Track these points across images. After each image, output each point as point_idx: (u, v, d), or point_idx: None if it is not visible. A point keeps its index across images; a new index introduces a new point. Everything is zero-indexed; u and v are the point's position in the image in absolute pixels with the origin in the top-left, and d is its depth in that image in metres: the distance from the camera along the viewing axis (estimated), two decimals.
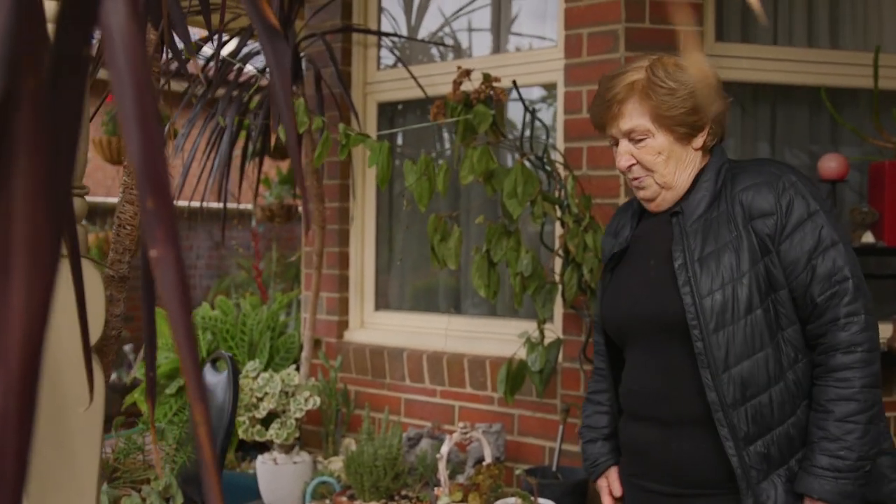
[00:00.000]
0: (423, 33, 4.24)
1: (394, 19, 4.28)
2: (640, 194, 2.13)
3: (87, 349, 0.97)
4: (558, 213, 3.12)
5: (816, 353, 1.95)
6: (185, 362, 0.47)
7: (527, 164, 3.08)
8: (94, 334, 1.50)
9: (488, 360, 3.52)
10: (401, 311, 4.07)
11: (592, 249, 3.00)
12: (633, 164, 2.08)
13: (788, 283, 1.97)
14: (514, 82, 3.17)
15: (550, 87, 3.63)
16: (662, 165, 2.06)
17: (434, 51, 4.18)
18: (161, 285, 0.46)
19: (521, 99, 3.18)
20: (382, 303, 4.11)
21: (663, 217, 2.12)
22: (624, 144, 2.09)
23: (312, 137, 3.76)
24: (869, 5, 3.69)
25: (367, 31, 4.03)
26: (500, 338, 3.56)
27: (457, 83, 3.14)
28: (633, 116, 2.05)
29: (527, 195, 3.00)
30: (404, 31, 4.25)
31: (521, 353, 3.23)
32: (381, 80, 4.07)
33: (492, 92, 3.11)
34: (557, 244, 3.22)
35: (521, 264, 3.06)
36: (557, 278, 3.20)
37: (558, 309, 3.38)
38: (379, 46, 4.13)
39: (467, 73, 3.15)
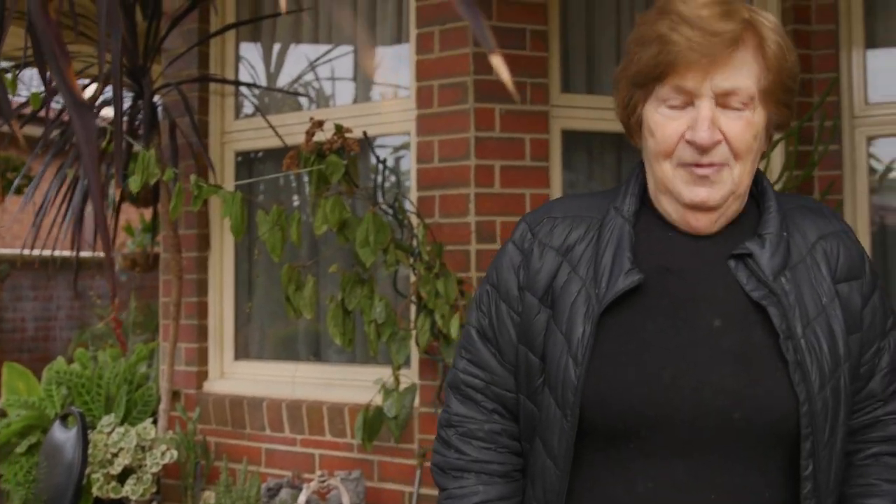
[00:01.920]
0: (284, 80, 4.27)
1: (253, 68, 4.30)
2: (700, 195, 1.44)
3: None
4: (410, 261, 3.18)
5: (872, 445, 1.53)
6: None
7: (379, 212, 3.14)
8: None
9: (347, 407, 3.54)
10: (261, 360, 4.05)
11: (444, 296, 3.07)
12: (718, 143, 1.42)
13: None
14: (365, 133, 3.24)
15: (405, 137, 3.71)
16: (752, 157, 1.45)
17: (300, 99, 4.21)
18: None
19: (373, 149, 3.25)
20: (242, 352, 4.08)
21: (708, 250, 1.49)
22: (708, 107, 1.42)
23: (168, 188, 3.74)
24: None
25: (224, 81, 4.04)
26: (359, 384, 3.58)
27: (309, 134, 3.19)
28: (743, 72, 1.42)
29: (379, 244, 3.05)
30: (263, 80, 4.27)
31: (378, 400, 3.27)
32: (239, 129, 4.07)
33: (344, 142, 3.16)
34: (411, 291, 3.28)
35: (374, 312, 3.11)
36: (412, 325, 3.25)
37: (415, 354, 3.43)
38: (237, 95, 4.14)
39: (320, 123, 3.20)
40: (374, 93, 3.99)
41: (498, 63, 0.60)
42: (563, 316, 1.47)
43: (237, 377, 4.00)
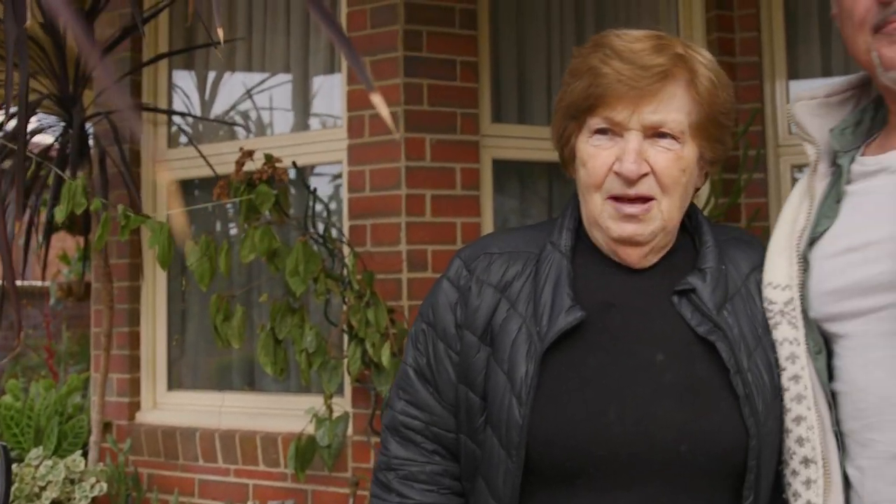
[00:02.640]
0: (219, 108, 4.27)
1: (187, 96, 4.29)
2: (628, 230, 1.46)
3: None
4: (341, 290, 3.19)
5: None
6: None
7: (310, 242, 3.15)
8: None
9: (280, 436, 3.52)
10: (194, 389, 4.01)
11: (374, 325, 3.08)
12: (647, 175, 1.44)
13: None
14: (294, 163, 3.25)
15: (338, 166, 3.72)
16: (681, 191, 1.47)
17: (235, 128, 4.20)
18: None
19: (303, 179, 3.26)
20: (175, 382, 4.05)
21: (647, 284, 1.50)
22: (636, 140, 1.43)
23: (99, 217, 3.71)
24: None
25: (155, 110, 4.03)
26: (292, 414, 3.56)
27: (239, 163, 3.20)
28: (672, 105, 1.44)
29: (309, 273, 3.06)
30: (198, 108, 4.27)
31: (311, 429, 3.26)
32: (172, 159, 4.06)
33: (274, 172, 3.17)
34: (342, 320, 3.28)
35: (305, 341, 3.11)
36: (344, 353, 3.26)
37: (348, 383, 3.43)
38: (169, 124, 4.12)
39: (250, 153, 3.21)
40: (309, 122, 4.01)
41: (378, 101, 0.63)
42: (504, 354, 1.45)
43: (170, 407, 3.96)
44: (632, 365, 1.42)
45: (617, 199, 1.45)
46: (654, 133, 1.44)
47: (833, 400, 1.45)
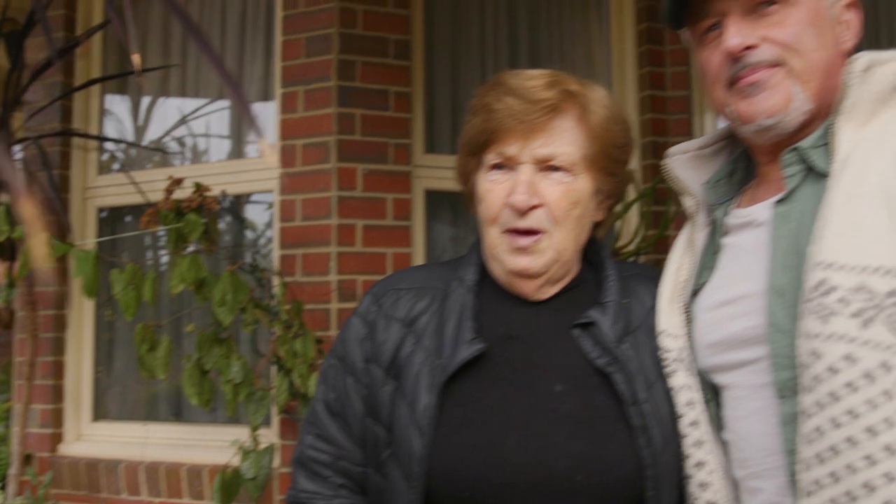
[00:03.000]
0: (153, 134, 4.22)
1: (120, 122, 4.24)
2: (521, 263, 1.50)
3: None
4: (269, 320, 3.16)
5: None
6: None
7: (238, 271, 3.12)
8: None
9: (206, 468, 3.46)
10: (120, 420, 3.93)
11: (302, 355, 3.05)
12: (538, 207, 1.48)
13: None
14: (224, 192, 3.22)
15: (270, 195, 3.70)
16: (573, 223, 1.51)
17: (168, 155, 4.15)
18: None
19: (232, 208, 3.23)
20: (101, 413, 3.96)
21: (549, 317, 1.54)
22: (528, 173, 1.47)
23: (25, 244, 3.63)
24: None
25: (85, 136, 3.97)
26: (219, 445, 3.51)
27: (168, 191, 3.16)
28: (563, 139, 1.48)
29: (237, 303, 3.03)
30: (131, 134, 4.22)
31: (237, 461, 3.21)
32: (102, 185, 3.99)
33: (203, 200, 3.14)
34: (270, 350, 3.25)
35: (232, 371, 3.07)
36: (272, 384, 3.22)
37: (275, 414, 3.39)
38: (100, 150, 4.06)
39: (178, 181, 3.17)
40: (242, 150, 3.98)
41: (265, 147, 0.60)
42: (407, 387, 1.48)
43: (94, 439, 3.87)
44: (531, 396, 1.45)
45: (511, 231, 1.49)
46: (546, 166, 1.48)
47: (724, 448, 1.48)
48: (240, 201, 3.74)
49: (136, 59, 1.19)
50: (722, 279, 1.51)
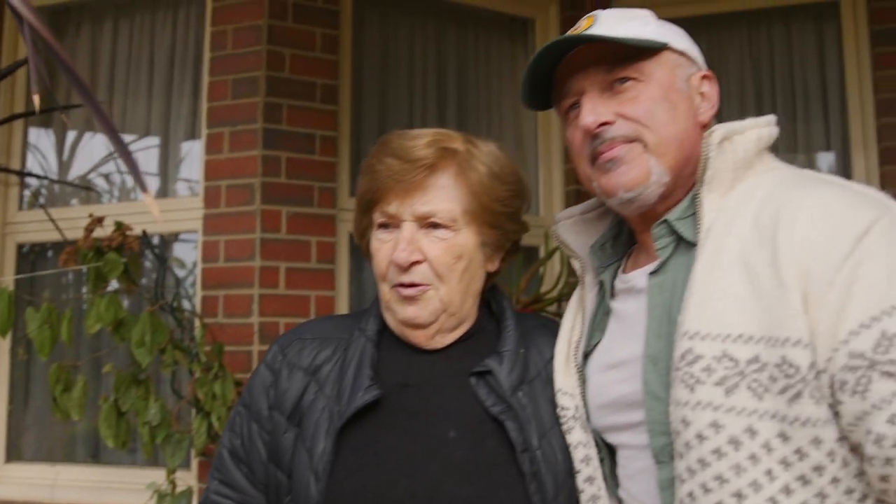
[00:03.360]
0: (78, 170, 4.17)
1: (44, 157, 4.19)
2: (409, 313, 1.56)
3: None
4: (189, 362, 3.14)
5: None
6: None
7: (158, 312, 3.10)
8: None
9: None
10: (35, 462, 3.85)
11: (221, 398, 3.03)
12: (420, 263, 1.53)
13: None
14: (144, 231, 3.21)
15: (194, 235, 3.68)
16: (458, 277, 1.55)
17: (92, 192, 4.11)
18: None
19: (152, 248, 3.22)
20: (14, 454, 3.87)
21: (445, 365, 1.59)
22: (409, 230, 1.53)
23: None
24: None
25: (7, 170, 3.91)
26: (136, 488, 3.45)
27: (88, 230, 3.13)
28: (441, 196, 1.52)
29: (156, 344, 3.01)
30: (55, 169, 4.17)
31: None
32: (22, 221, 3.93)
33: (124, 240, 3.12)
34: (189, 392, 3.23)
35: (149, 413, 3.04)
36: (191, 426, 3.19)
37: (194, 456, 3.36)
38: (21, 185, 4.01)
39: (99, 220, 3.15)
40: (168, 189, 3.96)
41: (150, 201, 0.63)
42: (308, 433, 1.52)
43: (7, 481, 3.78)
44: (424, 442, 1.49)
45: (398, 286, 1.55)
46: (427, 223, 1.53)
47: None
48: (167, 241, 3.72)
49: (36, 99, 1.18)
50: (610, 342, 1.55)
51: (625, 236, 1.65)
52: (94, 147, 4.19)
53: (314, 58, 3.53)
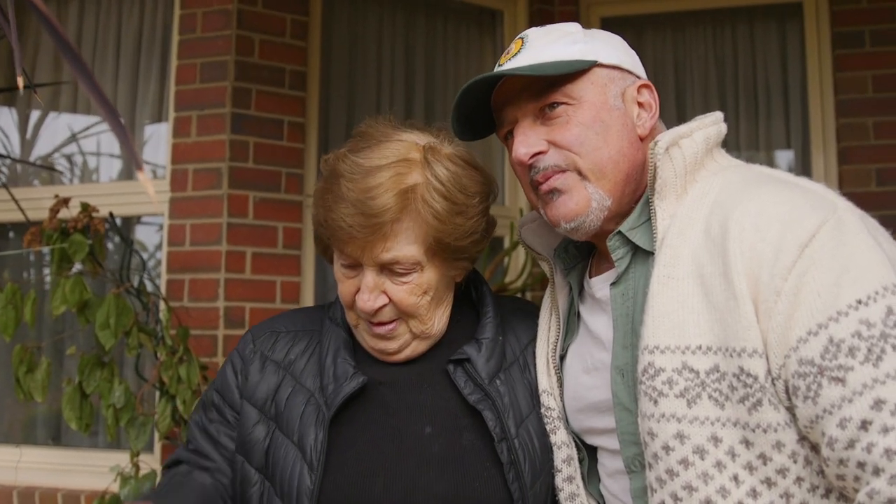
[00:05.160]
0: (42, 150, 4.14)
1: (6, 136, 4.15)
2: (379, 346, 1.55)
3: None
4: (153, 345, 3.13)
5: None
6: None
7: (124, 295, 3.09)
8: None
9: (84, 494, 3.40)
10: None
11: (186, 381, 3.04)
12: (385, 306, 1.50)
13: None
14: (111, 213, 3.19)
15: (160, 218, 3.68)
16: (426, 309, 1.53)
17: (57, 173, 4.08)
18: None
19: (118, 230, 3.21)
20: None
21: (424, 357, 1.59)
22: (372, 277, 1.48)
23: None
24: None
25: None
26: (99, 470, 3.46)
27: (53, 211, 3.11)
28: (402, 240, 1.46)
29: (120, 326, 3.00)
30: (18, 149, 4.13)
31: (116, 487, 3.17)
32: None
33: (90, 221, 3.10)
34: (153, 375, 3.23)
35: (113, 396, 3.03)
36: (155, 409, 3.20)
37: (158, 440, 3.36)
38: None
39: (65, 201, 3.13)
40: (133, 171, 3.94)
41: (144, 180, 0.64)
42: (293, 426, 1.50)
43: None
44: (401, 438, 1.48)
45: (367, 321, 1.54)
46: (389, 267, 1.48)
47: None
48: (129, 223, 3.70)
49: (20, 80, 1.16)
50: (580, 346, 1.56)
51: None
52: (58, 127, 4.15)
53: (283, 43, 3.53)
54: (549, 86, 1.46)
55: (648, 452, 1.33)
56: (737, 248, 1.28)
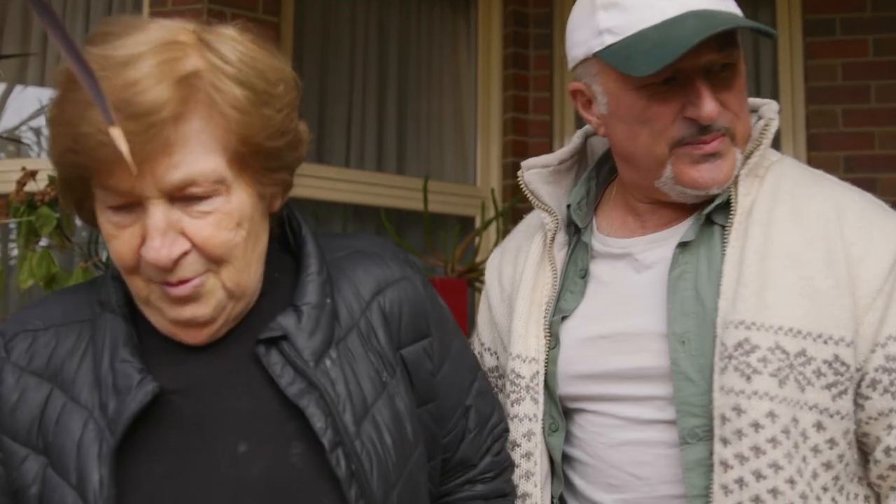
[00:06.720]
0: (9, 122, 4.08)
1: None
2: (185, 314, 1.12)
3: None
4: None
5: None
6: None
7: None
8: None
9: None
10: None
11: None
12: (186, 254, 1.08)
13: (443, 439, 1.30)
14: None
15: None
16: (242, 249, 1.13)
17: (29, 146, 4.03)
18: None
19: None
20: None
21: (230, 344, 1.18)
22: (161, 214, 1.06)
23: None
24: (431, 138, 4.12)
25: None
26: None
27: (20, 183, 3.07)
28: (196, 152, 1.05)
29: None
30: None
31: None
32: None
33: (57, 194, 3.07)
34: None
35: None
36: None
37: None
38: None
39: (32, 173, 3.09)
40: None
41: (116, 135, 0.62)
42: (69, 461, 1.09)
43: None
44: (206, 465, 1.11)
45: (161, 283, 1.11)
46: (183, 193, 1.06)
47: (571, 466, 1.49)
48: None
49: None
50: (595, 309, 1.48)
51: (593, 193, 1.58)
52: (25, 100, 4.10)
53: (255, 19, 3.50)
54: (727, 43, 1.35)
55: (729, 428, 1.29)
56: (838, 240, 1.34)
